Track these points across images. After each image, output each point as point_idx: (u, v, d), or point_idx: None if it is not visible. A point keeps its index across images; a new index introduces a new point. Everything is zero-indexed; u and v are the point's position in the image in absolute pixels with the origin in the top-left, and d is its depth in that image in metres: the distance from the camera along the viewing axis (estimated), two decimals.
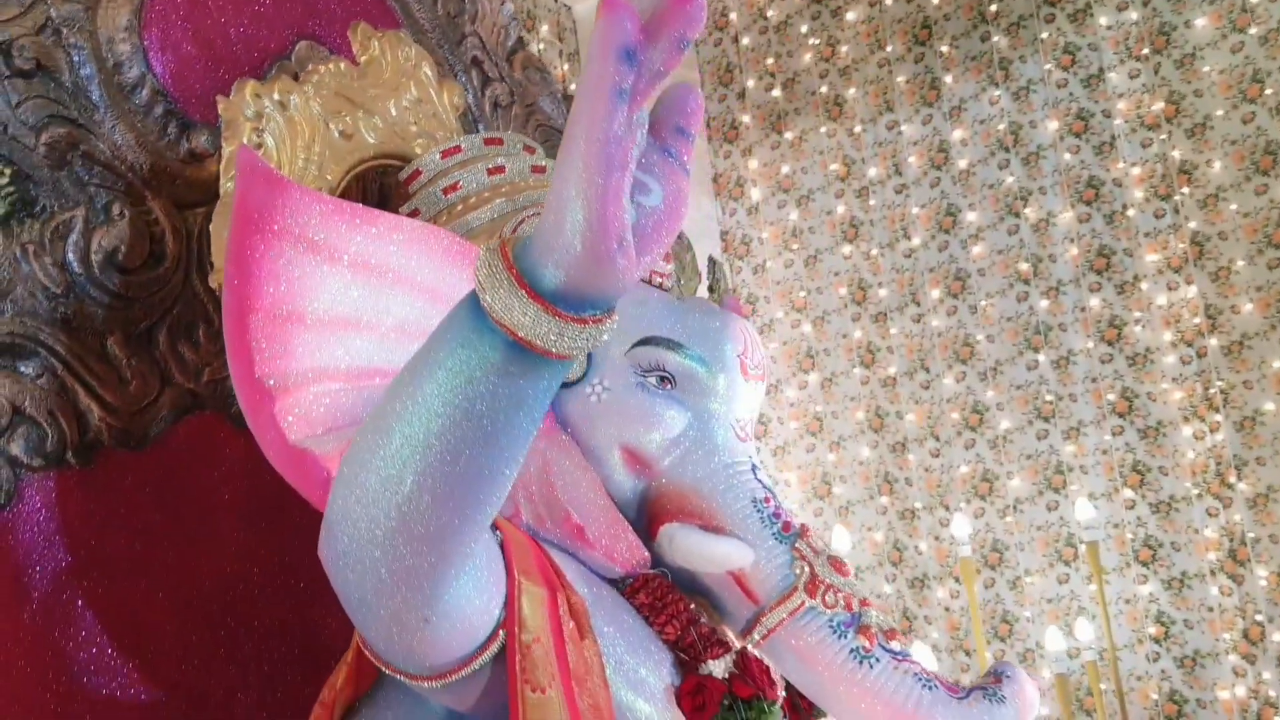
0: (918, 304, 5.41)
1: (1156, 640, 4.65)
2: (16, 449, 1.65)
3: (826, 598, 1.49)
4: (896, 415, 5.44)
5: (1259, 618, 4.44)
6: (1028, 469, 5.04)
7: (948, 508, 5.12)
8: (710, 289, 2.59)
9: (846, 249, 5.65)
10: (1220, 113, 4.67)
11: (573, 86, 3.80)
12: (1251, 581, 4.47)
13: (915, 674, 1.48)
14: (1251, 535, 4.48)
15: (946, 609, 5.19)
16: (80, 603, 1.68)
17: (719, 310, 1.72)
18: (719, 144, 6.17)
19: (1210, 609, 4.55)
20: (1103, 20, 4.95)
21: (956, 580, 4.97)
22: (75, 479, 1.71)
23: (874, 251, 5.56)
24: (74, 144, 1.79)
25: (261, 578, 1.91)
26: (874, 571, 5.45)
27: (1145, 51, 4.84)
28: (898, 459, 5.42)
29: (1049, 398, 5.00)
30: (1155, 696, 4.62)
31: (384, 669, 1.29)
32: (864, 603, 1.52)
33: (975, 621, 3.91)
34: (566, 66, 5.65)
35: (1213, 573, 4.57)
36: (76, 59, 1.83)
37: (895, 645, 1.50)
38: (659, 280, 1.75)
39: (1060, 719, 3.89)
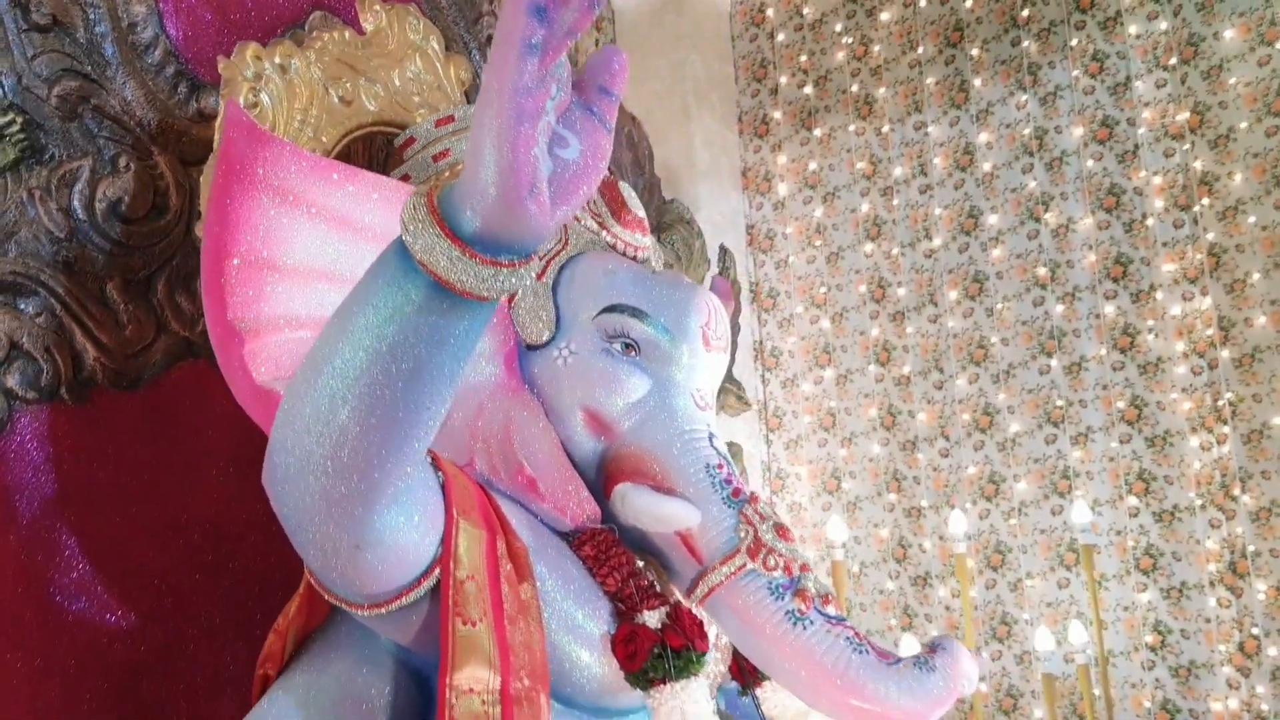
0: (935, 304, 5.42)
1: (1152, 649, 4.65)
2: (12, 382, 1.73)
3: (768, 561, 1.55)
4: (908, 414, 5.46)
5: (1255, 631, 4.42)
6: (1034, 473, 5.04)
7: (954, 507, 5.12)
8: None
9: (868, 247, 5.67)
10: (1244, 125, 4.64)
11: None
12: (1250, 595, 4.46)
13: (847, 638, 1.52)
14: (1252, 549, 4.46)
15: (947, 608, 5.20)
16: (66, 530, 1.76)
17: (686, 282, 1.78)
18: (749, 138, 6.20)
19: (1207, 620, 4.55)
20: (1132, 29, 4.94)
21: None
22: (68, 414, 1.80)
23: (895, 251, 5.57)
24: (85, 97, 1.87)
25: (245, 519, 1.97)
26: (878, 567, 5.47)
27: (1173, 61, 4.82)
28: (907, 457, 5.44)
29: (1059, 403, 5.00)
30: (1148, 704, 4.62)
31: (327, 597, 1.36)
32: (804, 568, 1.57)
33: (968, 618, 3.91)
34: None
35: (1212, 584, 4.56)
36: (92, 16, 1.91)
37: (831, 610, 1.55)
38: (633, 252, 1.80)
39: None
